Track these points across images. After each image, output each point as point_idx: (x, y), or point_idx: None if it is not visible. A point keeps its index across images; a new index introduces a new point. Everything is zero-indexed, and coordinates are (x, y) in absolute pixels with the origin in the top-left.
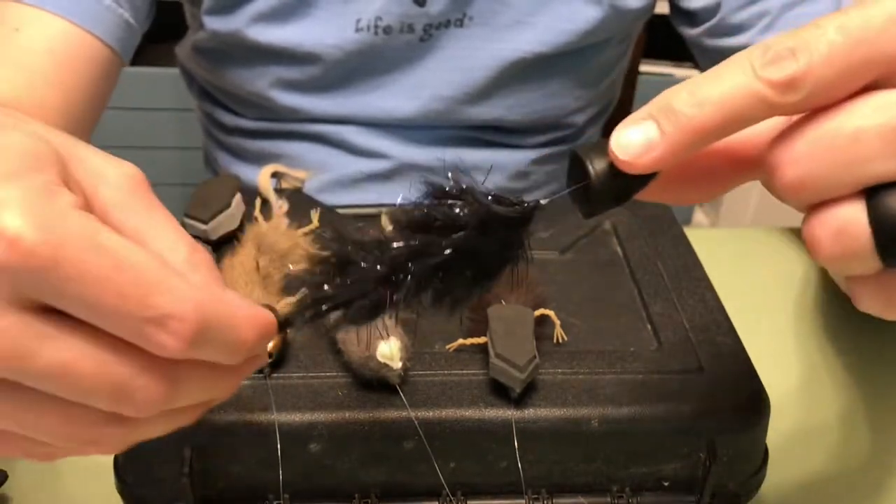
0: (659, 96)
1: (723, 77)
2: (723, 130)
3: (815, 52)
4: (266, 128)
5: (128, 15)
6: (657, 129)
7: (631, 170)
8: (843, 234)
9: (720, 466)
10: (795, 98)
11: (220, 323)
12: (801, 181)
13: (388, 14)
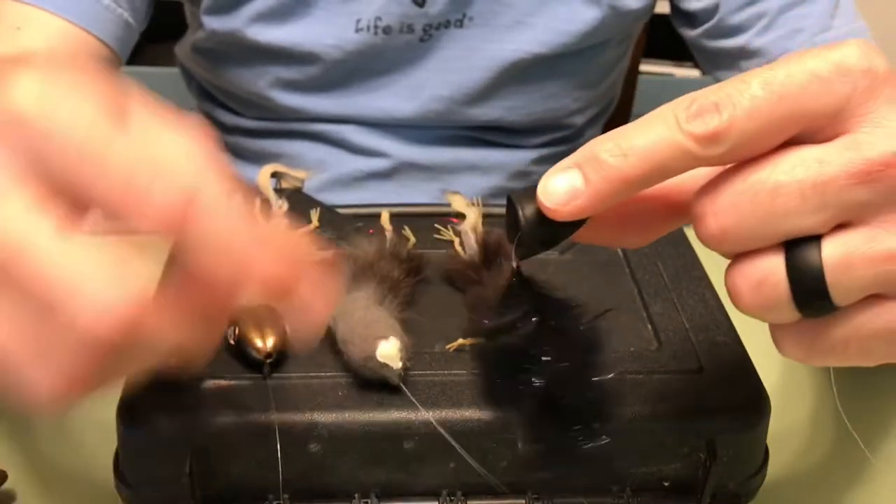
0: (586, 145)
1: (648, 128)
2: (646, 180)
3: (738, 107)
4: (265, 127)
5: (127, 14)
6: (582, 177)
7: (556, 217)
8: (763, 285)
9: (720, 466)
10: (718, 151)
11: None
12: (722, 232)
13: (387, 14)
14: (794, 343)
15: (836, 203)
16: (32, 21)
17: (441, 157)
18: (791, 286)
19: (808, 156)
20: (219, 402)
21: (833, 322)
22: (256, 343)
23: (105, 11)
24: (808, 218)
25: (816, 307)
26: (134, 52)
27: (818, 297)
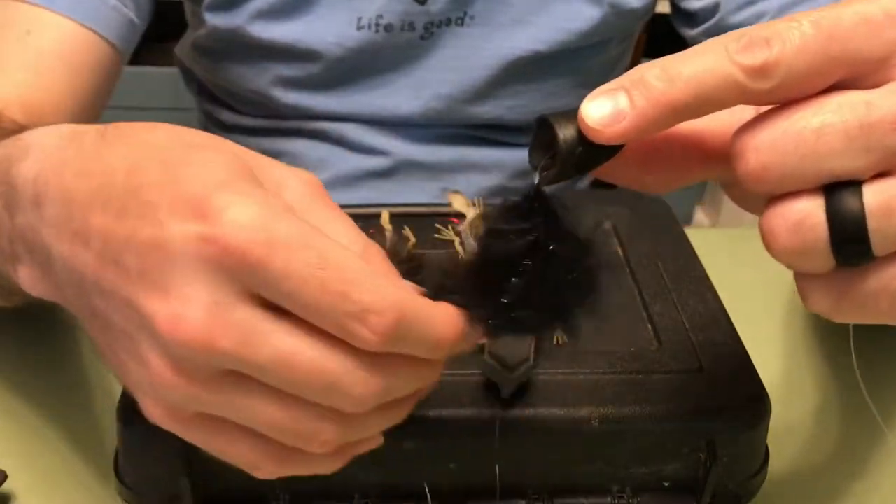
0: (630, 71)
1: (697, 57)
2: (692, 109)
3: (788, 42)
4: (266, 125)
5: (132, 14)
6: (628, 100)
7: (597, 138)
8: (800, 226)
9: (720, 467)
10: (766, 85)
11: (418, 320)
12: (763, 169)
13: (389, 12)
14: (824, 294)
15: (881, 147)
16: (41, 23)
17: (442, 155)
18: (830, 230)
19: (856, 98)
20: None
21: (866, 272)
22: None
23: (112, 12)
24: (851, 160)
25: (854, 254)
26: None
27: (857, 243)
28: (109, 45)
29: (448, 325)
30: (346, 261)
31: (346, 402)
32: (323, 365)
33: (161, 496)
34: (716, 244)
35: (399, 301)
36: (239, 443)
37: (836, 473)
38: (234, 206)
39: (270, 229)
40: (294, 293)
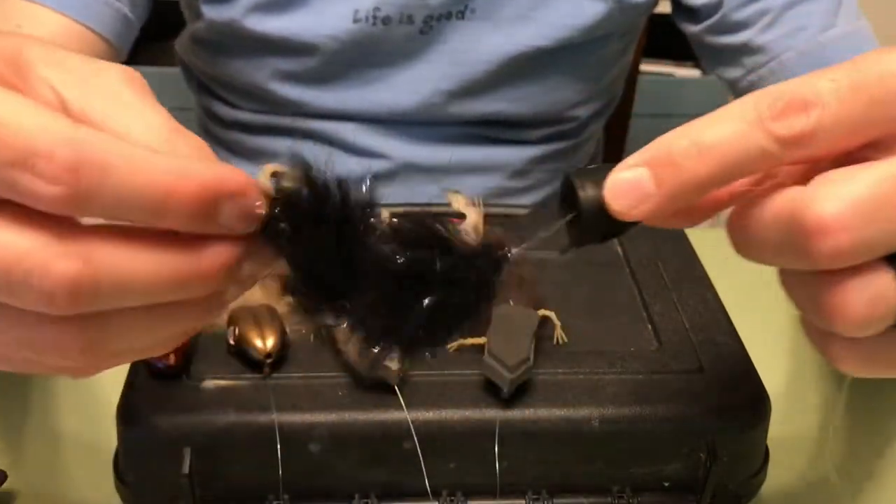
0: (657, 141)
1: (725, 124)
2: (720, 181)
3: (827, 107)
4: (264, 122)
5: (126, 10)
6: (653, 180)
7: (624, 218)
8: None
9: (720, 467)
10: (801, 153)
11: (116, 165)
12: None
13: (386, 5)
14: (857, 356)
15: None
16: (33, 18)
17: (442, 156)
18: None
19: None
20: (219, 402)
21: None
22: (256, 343)
23: (105, 7)
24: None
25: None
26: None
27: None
28: (103, 41)
29: (174, 174)
30: (4, 103)
31: (35, 296)
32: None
33: (161, 496)
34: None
35: (77, 137)
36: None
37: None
38: None
39: None
40: None
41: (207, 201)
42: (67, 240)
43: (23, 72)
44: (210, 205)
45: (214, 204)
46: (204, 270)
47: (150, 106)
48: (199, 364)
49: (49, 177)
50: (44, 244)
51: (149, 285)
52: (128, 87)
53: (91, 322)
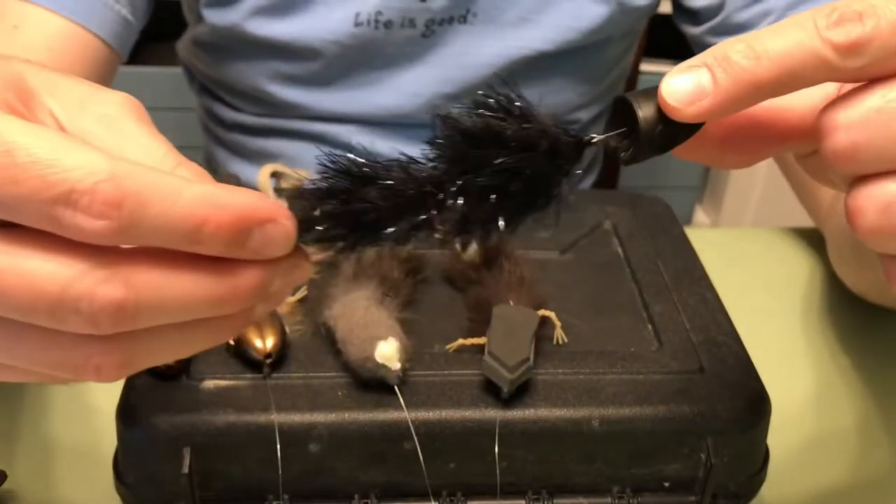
0: (714, 46)
1: (785, 33)
2: (777, 88)
3: (883, 19)
4: (266, 124)
5: (125, 11)
6: (710, 77)
7: (678, 117)
8: (892, 207)
9: (721, 467)
10: (856, 63)
11: (154, 198)
12: (853, 148)
13: (388, 9)
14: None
15: None
16: (30, 19)
17: None
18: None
19: None
20: (219, 402)
21: None
22: (256, 343)
23: (104, 8)
24: None
25: None
26: (134, 52)
27: None
28: (101, 42)
29: (207, 204)
30: (42, 140)
31: (80, 321)
32: (36, 283)
33: (161, 496)
34: (716, 244)
35: (118, 172)
36: None
37: (836, 473)
38: None
39: None
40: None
41: (240, 230)
42: (109, 265)
43: (27, 100)
44: (242, 233)
45: (247, 232)
46: (238, 291)
47: (149, 134)
48: (199, 364)
49: (93, 213)
50: (87, 271)
51: (185, 305)
52: (128, 114)
53: (128, 338)
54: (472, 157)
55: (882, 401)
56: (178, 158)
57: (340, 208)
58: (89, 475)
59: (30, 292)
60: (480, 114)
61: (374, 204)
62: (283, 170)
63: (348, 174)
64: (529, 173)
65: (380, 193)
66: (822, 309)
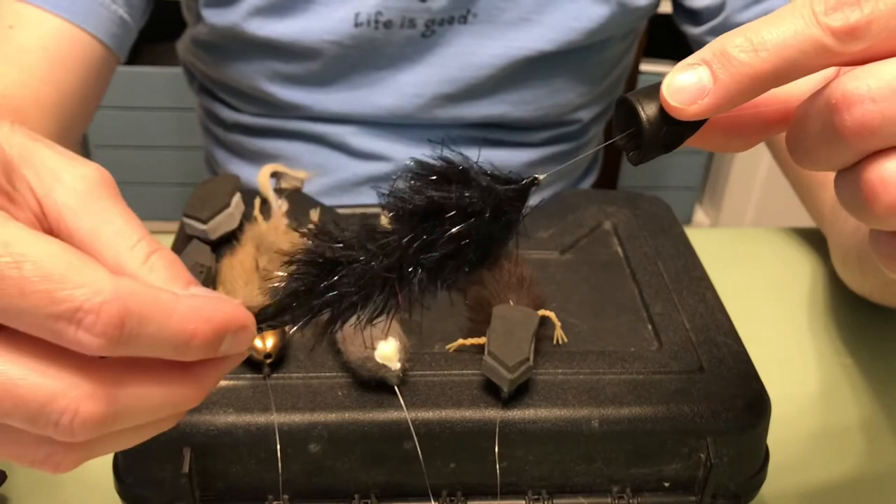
0: (713, 41)
1: (782, 22)
2: (778, 78)
3: (882, 1)
4: (266, 125)
5: (122, 11)
6: (710, 74)
7: (681, 116)
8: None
9: (721, 467)
10: (856, 47)
11: (153, 312)
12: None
13: (388, 9)
14: None
15: None
16: (26, 19)
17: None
18: None
19: None
20: (219, 402)
21: None
22: (256, 343)
23: (100, 8)
24: None
25: None
26: (134, 52)
27: None
28: (98, 42)
29: (197, 318)
30: (50, 255)
31: (57, 432)
32: (19, 392)
33: (161, 496)
34: (716, 244)
35: (121, 292)
36: None
37: (836, 473)
38: None
39: None
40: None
41: (219, 339)
42: (95, 378)
43: (10, 175)
44: (220, 341)
45: (222, 339)
46: (202, 392)
47: (123, 215)
48: None
49: (96, 331)
50: (74, 385)
51: (157, 411)
52: (101, 191)
53: (92, 441)
54: (423, 232)
55: (882, 400)
56: (150, 245)
57: (311, 299)
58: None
59: (13, 400)
60: (421, 188)
61: (341, 290)
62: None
63: (313, 263)
64: (478, 235)
65: (345, 279)
66: (822, 308)
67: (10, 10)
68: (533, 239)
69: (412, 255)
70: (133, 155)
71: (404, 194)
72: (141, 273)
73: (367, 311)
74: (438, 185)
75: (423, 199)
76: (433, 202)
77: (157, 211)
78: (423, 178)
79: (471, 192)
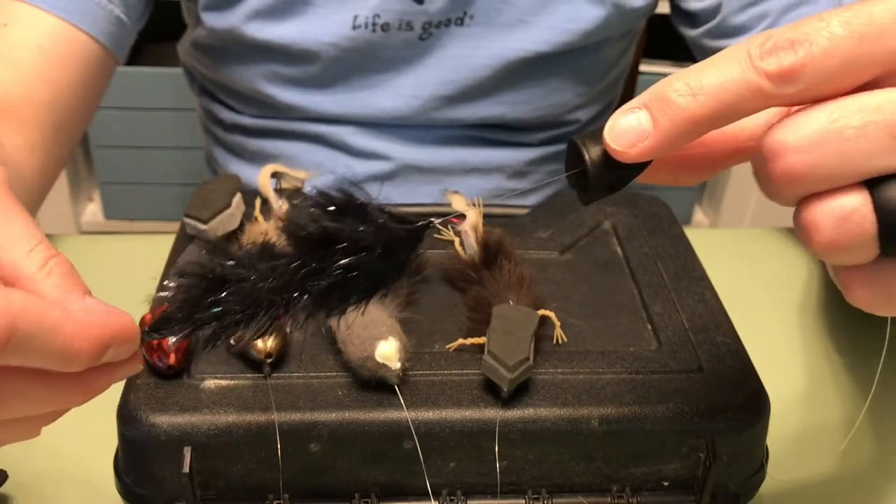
0: (654, 85)
1: (719, 67)
2: (716, 121)
3: (815, 45)
4: (266, 126)
5: (119, 11)
6: (650, 119)
7: (623, 159)
8: (846, 221)
9: (720, 466)
10: (792, 90)
11: (40, 329)
12: (805, 170)
13: (386, 11)
14: (868, 285)
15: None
16: (21, 17)
17: (442, 158)
18: (879, 223)
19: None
20: (219, 402)
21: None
22: (256, 343)
23: (96, 8)
24: (893, 158)
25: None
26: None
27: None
28: (94, 42)
29: (82, 335)
30: None
31: None
32: None
33: (161, 496)
34: (716, 244)
35: (11, 308)
36: None
37: (836, 473)
38: None
39: None
40: None
41: (104, 351)
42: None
43: None
44: (104, 353)
45: (106, 351)
46: (86, 395)
47: (19, 215)
48: (199, 364)
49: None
50: None
51: (38, 407)
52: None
53: None
54: (313, 259)
55: (881, 400)
56: (48, 251)
57: (196, 312)
58: (90, 475)
59: None
60: (318, 216)
61: (225, 307)
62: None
63: (203, 277)
64: (368, 269)
65: (231, 297)
66: (820, 308)
67: (6, 9)
68: (533, 239)
69: (300, 281)
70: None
71: (301, 220)
72: (37, 278)
73: (251, 330)
74: (335, 217)
75: (317, 227)
76: (327, 232)
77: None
78: (322, 208)
79: (365, 227)
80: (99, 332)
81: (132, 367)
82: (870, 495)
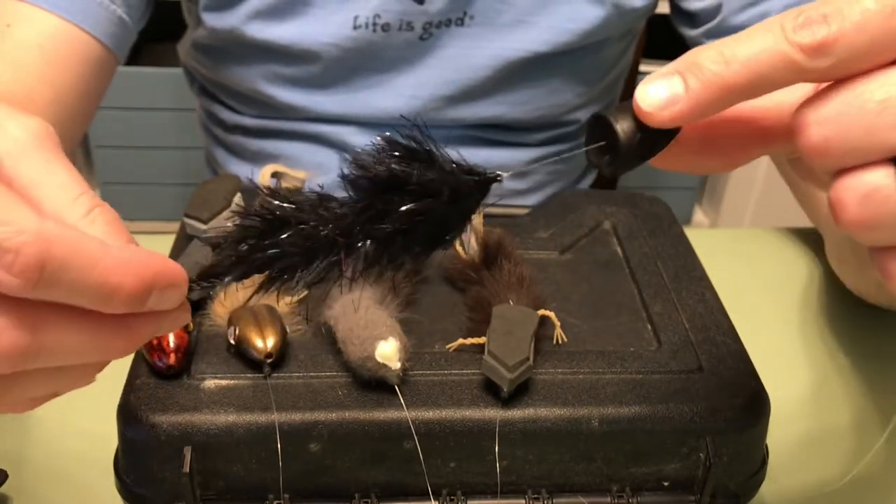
0: (686, 54)
1: (753, 38)
2: (748, 91)
3: (848, 19)
4: (266, 126)
5: (121, 11)
6: (682, 83)
7: (652, 122)
8: (871, 198)
9: (720, 466)
10: (824, 64)
11: (76, 257)
12: (825, 143)
13: (386, 12)
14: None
15: None
16: (23, 17)
17: None
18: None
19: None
20: (219, 402)
21: None
22: (256, 343)
23: (98, 8)
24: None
25: None
26: (135, 52)
27: None
28: (96, 41)
29: (122, 271)
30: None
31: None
32: None
33: (161, 496)
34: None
35: (44, 234)
36: None
37: (835, 473)
38: None
39: None
40: None
41: (146, 293)
42: (16, 310)
43: None
44: (147, 295)
45: (150, 294)
46: (130, 344)
47: (65, 170)
48: (199, 364)
49: (15, 271)
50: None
51: (80, 354)
52: (43, 143)
53: (10, 378)
54: (379, 202)
55: (881, 400)
56: (91, 201)
57: (252, 253)
58: (89, 475)
59: None
60: (385, 160)
61: (284, 249)
62: (284, 170)
63: (262, 218)
64: (433, 217)
65: (291, 239)
66: (820, 308)
67: (9, 9)
68: (533, 239)
69: (364, 224)
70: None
71: (367, 163)
72: (81, 226)
73: (308, 276)
74: (402, 161)
75: (384, 169)
76: (394, 175)
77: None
78: (389, 153)
79: (433, 172)
80: (140, 270)
81: (179, 318)
82: (869, 495)
